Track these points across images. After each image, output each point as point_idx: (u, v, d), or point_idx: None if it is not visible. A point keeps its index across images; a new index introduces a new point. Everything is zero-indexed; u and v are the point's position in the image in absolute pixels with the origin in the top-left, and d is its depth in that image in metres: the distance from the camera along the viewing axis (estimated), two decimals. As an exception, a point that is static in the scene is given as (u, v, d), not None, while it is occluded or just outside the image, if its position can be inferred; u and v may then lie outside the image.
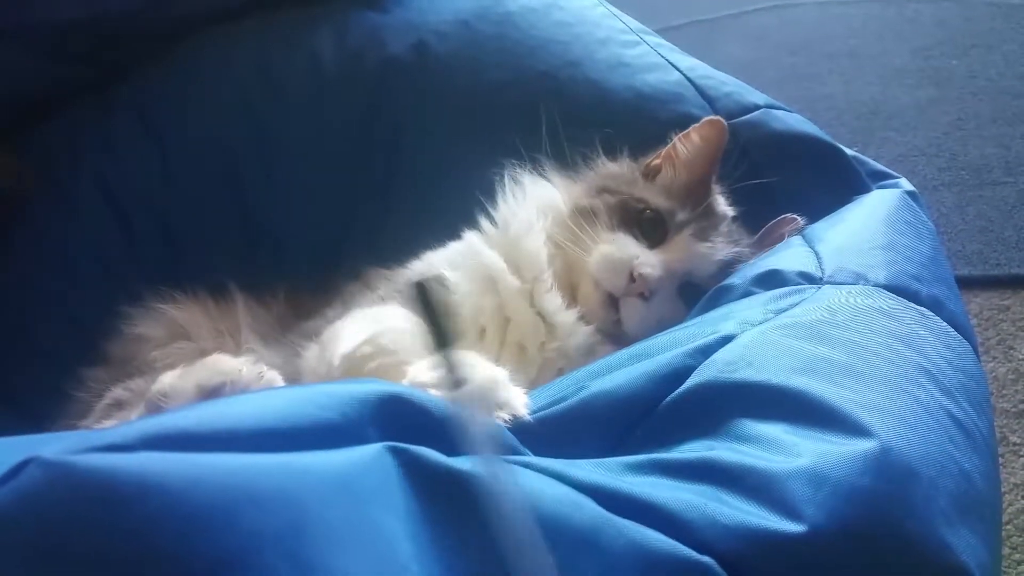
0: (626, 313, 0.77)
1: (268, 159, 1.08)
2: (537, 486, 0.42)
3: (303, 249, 1.07)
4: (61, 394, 0.86)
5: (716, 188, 0.86)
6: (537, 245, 0.81)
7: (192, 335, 0.87)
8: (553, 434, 0.55)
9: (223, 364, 0.64)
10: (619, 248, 0.79)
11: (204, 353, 0.84)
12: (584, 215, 0.82)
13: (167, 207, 1.09)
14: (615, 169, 0.88)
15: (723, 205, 0.86)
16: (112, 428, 0.35)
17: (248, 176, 1.09)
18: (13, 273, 1.07)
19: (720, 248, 0.80)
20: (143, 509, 0.30)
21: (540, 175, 0.89)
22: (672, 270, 0.78)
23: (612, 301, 0.77)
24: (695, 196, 0.83)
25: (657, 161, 0.87)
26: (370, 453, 0.39)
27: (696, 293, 0.79)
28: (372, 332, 0.64)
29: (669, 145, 0.87)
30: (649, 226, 0.81)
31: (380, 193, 1.07)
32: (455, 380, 0.41)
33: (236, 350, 0.84)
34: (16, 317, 1.06)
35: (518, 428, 0.54)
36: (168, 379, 0.64)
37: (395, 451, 0.40)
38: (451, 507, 0.40)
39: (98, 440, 0.33)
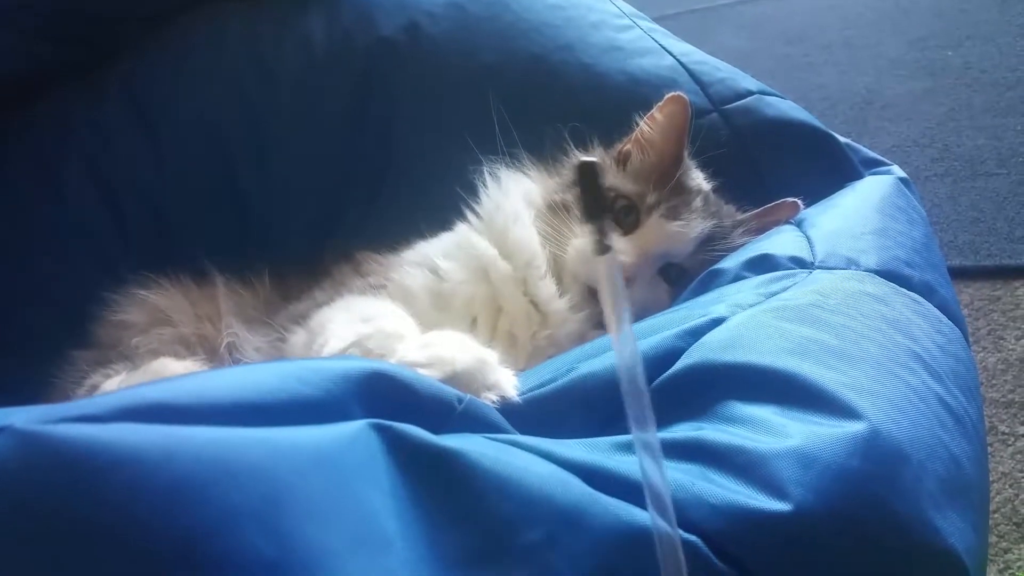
0: None
1: (259, 142, 1.08)
2: (523, 464, 0.41)
3: (294, 233, 1.06)
4: (50, 377, 0.85)
5: (690, 163, 0.85)
6: (527, 234, 0.81)
7: (173, 320, 0.87)
8: (543, 414, 0.55)
9: (167, 369, 0.64)
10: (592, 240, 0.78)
11: (184, 339, 0.84)
12: (558, 210, 0.82)
13: (157, 191, 1.08)
14: (583, 158, 0.87)
15: (697, 179, 0.85)
16: (87, 399, 0.34)
17: (239, 159, 1.08)
18: (2, 257, 1.06)
19: (695, 224, 0.79)
20: (117, 479, 0.30)
21: (518, 169, 0.88)
22: (646, 254, 0.77)
23: (593, 292, 0.77)
24: (666, 175, 0.82)
25: (628, 146, 0.86)
26: (353, 430, 0.39)
27: (681, 273, 0.79)
28: (359, 335, 0.62)
29: (637, 129, 0.86)
30: (622, 214, 0.81)
31: (372, 176, 1.06)
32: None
33: (216, 335, 0.84)
34: (5, 300, 1.05)
35: (508, 409, 0.54)
36: (111, 385, 0.63)
37: (380, 428, 0.40)
38: (436, 485, 0.39)
39: (73, 411, 0.32)
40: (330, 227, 1.06)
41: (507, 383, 0.57)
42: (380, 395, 0.42)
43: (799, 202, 0.82)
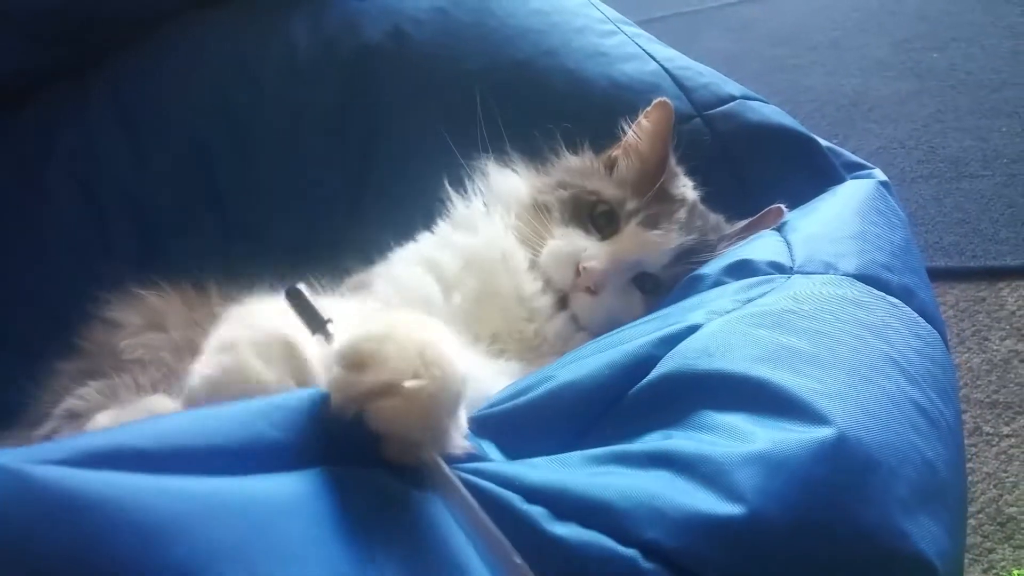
0: (577, 308, 0.76)
1: (242, 147, 1.08)
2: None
3: (278, 239, 1.06)
4: (34, 385, 0.85)
5: (677, 171, 0.85)
6: (493, 230, 0.80)
7: (167, 324, 0.86)
8: (520, 426, 0.54)
9: (159, 406, 0.63)
10: (567, 243, 0.78)
11: (175, 346, 0.83)
12: (540, 210, 0.81)
13: (141, 197, 1.08)
14: (575, 162, 0.87)
15: (683, 189, 0.84)
16: (66, 441, 0.35)
17: (223, 166, 1.08)
18: (-15, 258, 1.06)
19: (673, 235, 0.78)
20: (91, 520, 0.31)
21: (506, 166, 0.88)
22: (618, 261, 0.76)
23: (563, 297, 0.76)
24: (650, 182, 0.81)
25: (617, 152, 0.86)
26: (321, 476, 0.39)
27: (656, 284, 0.78)
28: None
29: (625, 135, 0.86)
30: (602, 219, 0.80)
31: (356, 181, 1.06)
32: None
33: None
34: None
35: (483, 420, 0.54)
36: (103, 420, 0.63)
37: (347, 474, 0.40)
38: (406, 526, 0.40)
39: (52, 453, 0.33)
40: (313, 230, 1.06)
41: (458, 429, 0.46)
42: (342, 434, 0.42)
43: (783, 208, 0.82)
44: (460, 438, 0.45)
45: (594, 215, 0.80)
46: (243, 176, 1.07)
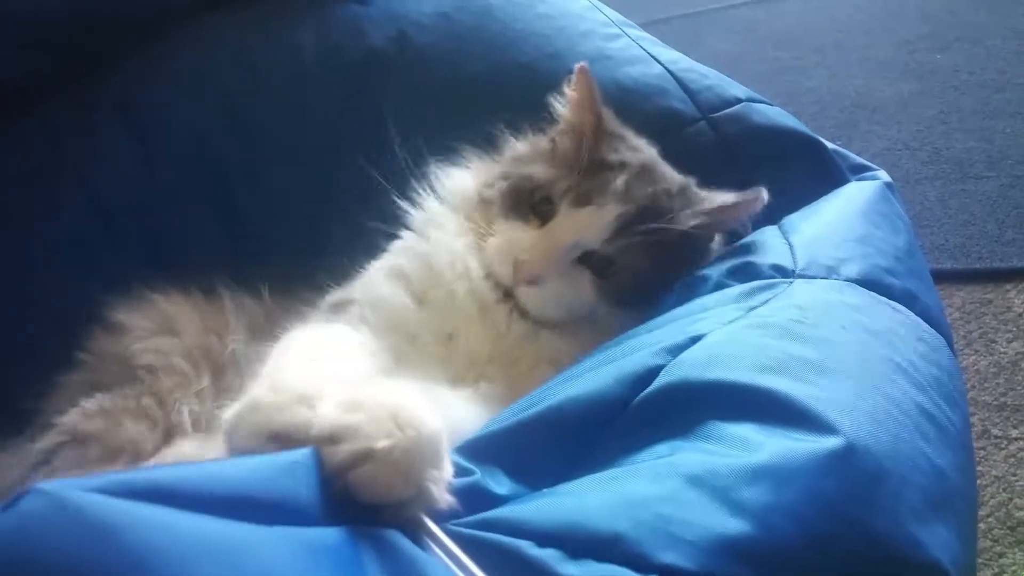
0: (524, 300, 0.73)
1: (250, 153, 1.08)
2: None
3: (286, 243, 1.07)
4: (48, 392, 0.85)
5: (620, 134, 0.81)
6: (442, 235, 0.78)
7: (179, 330, 0.86)
8: (523, 443, 0.54)
9: (181, 452, 0.63)
10: (503, 239, 0.75)
11: (188, 352, 0.83)
12: (484, 206, 0.79)
13: (150, 203, 1.08)
14: (520, 148, 0.84)
15: (626, 152, 0.79)
16: (104, 476, 0.37)
17: (230, 171, 1.09)
18: (-1, 272, 1.06)
19: (610, 208, 0.73)
20: (124, 540, 0.34)
21: (456, 164, 0.86)
22: (551, 248, 0.73)
23: (509, 292, 0.74)
24: (585, 154, 0.76)
25: (555, 131, 0.83)
26: (337, 534, 0.40)
27: (607, 261, 0.74)
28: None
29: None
30: (540, 205, 0.76)
31: (363, 184, 1.06)
32: None
33: (222, 350, 0.84)
34: (1, 316, 1.05)
35: (486, 441, 0.53)
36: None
37: (366, 535, 0.41)
38: None
39: (90, 483, 0.36)
40: (321, 237, 1.06)
41: (438, 485, 0.46)
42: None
43: (763, 192, 0.76)
44: (445, 493, 0.45)
45: (533, 203, 0.76)
46: (251, 181, 1.07)
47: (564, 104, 0.82)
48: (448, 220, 0.80)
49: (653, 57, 1.01)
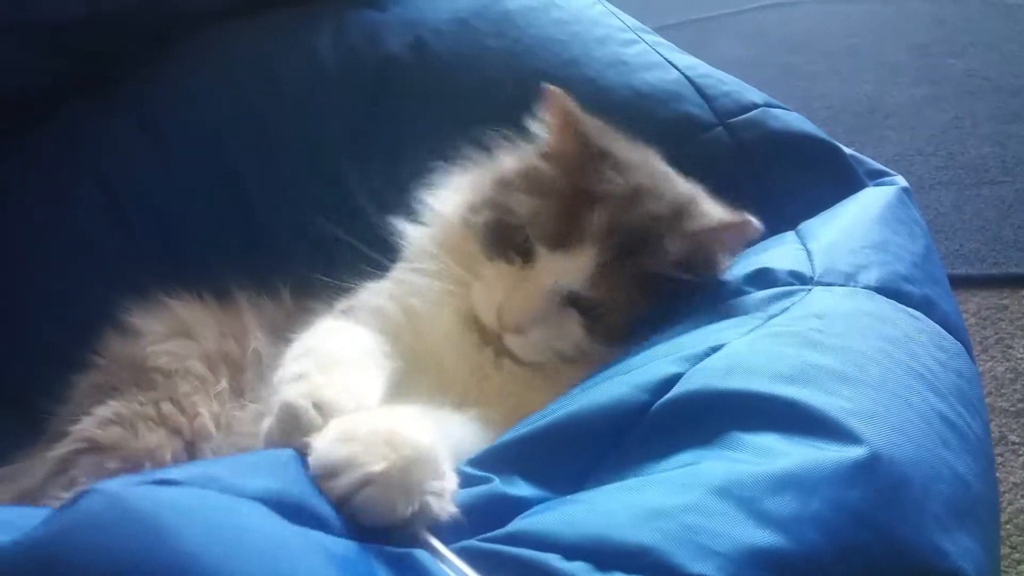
0: (512, 348, 0.71)
1: (267, 158, 1.09)
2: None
3: (303, 248, 1.07)
4: (63, 394, 0.85)
5: (609, 155, 0.73)
6: (426, 287, 0.75)
7: (194, 333, 0.86)
8: (541, 450, 0.54)
9: None
10: (486, 287, 0.72)
11: (207, 356, 0.83)
12: (468, 235, 0.75)
13: (167, 206, 1.09)
14: (508, 165, 0.78)
15: (612, 179, 0.71)
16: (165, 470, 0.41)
17: (248, 175, 1.09)
18: (14, 273, 1.07)
19: (587, 251, 0.68)
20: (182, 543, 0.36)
21: (452, 174, 0.83)
22: (531, 297, 0.69)
23: (498, 337, 0.71)
24: (567, 185, 0.71)
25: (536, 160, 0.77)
26: (364, 550, 0.42)
27: (593, 303, 0.69)
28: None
29: None
30: (523, 244, 0.71)
31: (380, 190, 1.06)
32: None
33: (242, 354, 0.84)
34: (17, 317, 1.06)
35: (504, 449, 0.54)
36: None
37: (383, 552, 0.42)
38: None
39: (148, 476, 0.40)
40: (338, 242, 1.06)
41: (440, 497, 0.46)
42: None
43: (748, 221, 0.70)
44: (448, 505, 0.46)
45: (515, 243, 0.71)
46: (268, 186, 1.08)
47: (544, 127, 0.77)
48: (431, 261, 0.76)
49: (670, 63, 1.01)
